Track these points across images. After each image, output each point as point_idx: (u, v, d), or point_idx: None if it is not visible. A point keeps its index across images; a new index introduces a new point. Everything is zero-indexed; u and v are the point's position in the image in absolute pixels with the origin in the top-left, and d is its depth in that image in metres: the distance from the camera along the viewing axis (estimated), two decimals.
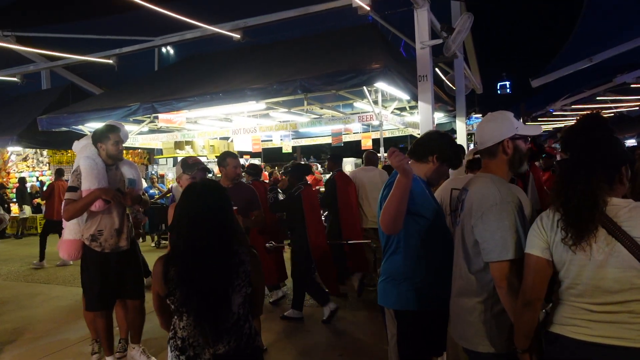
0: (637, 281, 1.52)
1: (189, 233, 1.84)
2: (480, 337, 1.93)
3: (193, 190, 1.96)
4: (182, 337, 1.85)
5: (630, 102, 16.87)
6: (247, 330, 1.91)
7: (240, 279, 1.86)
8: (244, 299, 1.89)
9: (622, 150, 1.68)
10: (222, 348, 1.84)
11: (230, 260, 1.85)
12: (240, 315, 1.89)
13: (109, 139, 3.52)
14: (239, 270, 1.87)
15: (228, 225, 1.88)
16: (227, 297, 1.83)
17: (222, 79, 7.41)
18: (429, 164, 2.37)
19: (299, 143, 14.59)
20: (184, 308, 1.81)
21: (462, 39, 6.00)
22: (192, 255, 1.81)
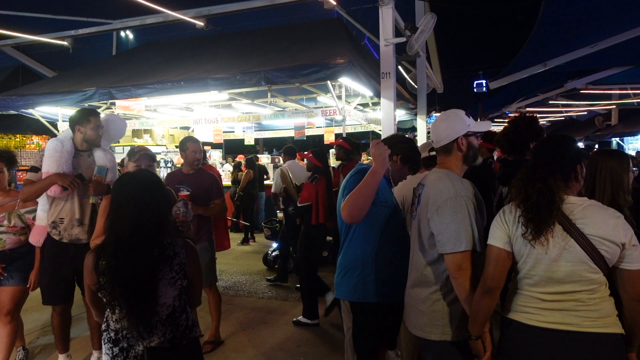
0: (586, 274, 1.65)
1: (114, 224, 1.81)
2: (433, 326, 2.01)
3: (120, 180, 1.93)
4: (115, 329, 1.84)
5: (580, 107, 17.74)
6: (183, 322, 1.91)
7: (175, 272, 1.85)
8: (179, 291, 1.88)
9: (577, 149, 1.80)
10: (157, 340, 1.83)
11: (155, 252, 1.81)
12: (176, 307, 1.88)
13: (89, 122, 3.30)
14: (173, 262, 1.85)
15: (153, 217, 1.82)
16: (156, 289, 1.81)
17: (184, 67, 7.22)
18: (392, 163, 2.45)
19: (262, 135, 14.48)
20: (116, 301, 1.79)
21: (425, 38, 6.12)
22: (117, 246, 1.78)
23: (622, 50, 8.71)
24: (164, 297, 1.83)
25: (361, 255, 2.38)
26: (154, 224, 1.82)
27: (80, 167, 3.33)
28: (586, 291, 1.67)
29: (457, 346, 1.97)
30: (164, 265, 1.82)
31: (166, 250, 1.84)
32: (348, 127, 10.25)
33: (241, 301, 5.31)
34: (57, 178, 3.15)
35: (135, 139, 11.66)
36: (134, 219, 1.79)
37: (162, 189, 1.94)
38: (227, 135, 13.19)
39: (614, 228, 1.63)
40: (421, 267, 2.06)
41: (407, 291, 2.18)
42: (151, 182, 1.91)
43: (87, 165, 3.37)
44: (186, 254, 1.89)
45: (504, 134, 2.95)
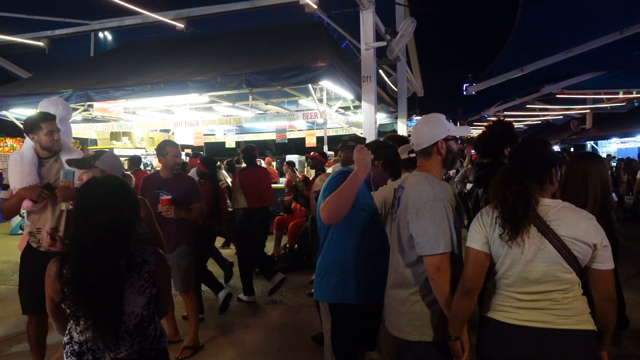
0: (560, 274, 1.70)
1: (78, 232, 1.75)
2: (412, 326, 2.04)
3: (84, 187, 1.86)
4: (79, 341, 1.77)
5: (556, 111, 18.17)
6: (152, 332, 1.86)
7: (144, 280, 1.79)
8: (148, 299, 1.82)
9: (552, 152, 1.85)
10: (125, 351, 1.77)
11: (122, 260, 1.76)
12: (144, 316, 1.82)
13: (40, 128, 3.12)
14: (142, 270, 1.79)
15: (119, 224, 1.77)
16: (123, 298, 1.75)
17: (164, 69, 7.15)
18: (373, 168, 2.46)
19: (243, 138, 14.40)
20: (80, 312, 1.71)
21: (405, 42, 6.20)
22: (82, 255, 1.71)
23: (595, 57, 8.96)
24: (132, 306, 1.77)
25: (340, 257, 2.39)
26: (120, 232, 1.76)
27: (49, 175, 3.19)
28: (560, 290, 1.72)
29: (436, 346, 2.00)
30: (132, 273, 1.77)
31: (134, 258, 1.78)
32: (329, 130, 10.29)
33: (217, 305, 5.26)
34: (24, 193, 3.04)
35: (113, 141, 11.48)
36: (99, 227, 1.72)
37: (128, 195, 1.87)
38: (208, 138, 13.09)
39: (586, 229, 1.69)
40: (400, 269, 2.09)
41: (387, 292, 2.20)
42: (117, 189, 1.84)
43: (56, 170, 3.23)
44: (155, 262, 1.83)
45: (480, 138, 3.02)
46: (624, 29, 8.06)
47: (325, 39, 7.44)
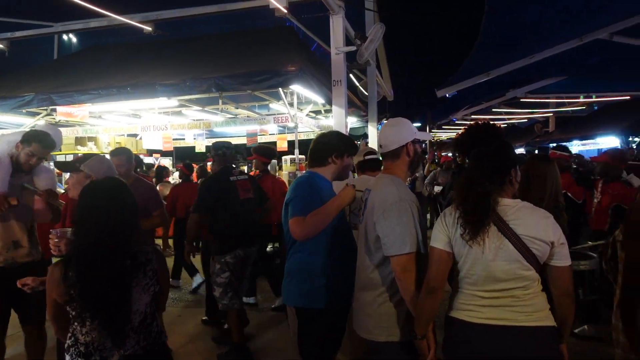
0: (520, 272, 1.76)
1: (82, 235, 1.80)
2: (380, 327, 2.07)
3: (87, 189, 1.90)
4: (86, 342, 1.79)
5: (521, 114, 18.73)
6: (155, 328, 1.92)
7: (149, 278, 1.86)
8: (152, 297, 1.89)
9: (512, 154, 1.92)
10: (131, 348, 1.82)
11: (127, 261, 1.81)
12: (148, 313, 1.88)
13: (29, 145, 3.08)
14: (147, 269, 1.86)
15: (122, 226, 1.82)
16: (130, 296, 1.80)
17: (131, 72, 7.00)
18: (331, 165, 2.49)
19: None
20: (87, 313, 1.76)
21: (374, 47, 6.26)
22: (88, 257, 1.76)
23: (557, 62, 9.28)
24: (137, 304, 1.84)
25: (307, 261, 2.40)
26: (124, 234, 1.82)
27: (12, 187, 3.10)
28: (520, 288, 1.78)
29: (404, 346, 2.03)
30: (138, 272, 1.84)
31: (139, 258, 1.86)
32: (300, 134, 10.29)
33: (192, 312, 5.18)
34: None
35: (78, 146, 11.14)
36: (103, 230, 1.78)
37: (129, 196, 1.93)
38: (177, 143, 12.90)
39: (544, 228, 1.76)
40: (368, 271, 2.12)
41: (355, 295, 2.23)
42: (118, 191, 1.90)
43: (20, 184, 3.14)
44: (157, 260, 1.91)
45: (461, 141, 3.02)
46: (584, 36, 8.39)
47: (296, 43, 7.44)
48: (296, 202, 2.34)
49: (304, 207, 2.29)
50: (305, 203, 2.30)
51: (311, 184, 2.40)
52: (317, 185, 2.41)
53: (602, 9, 7.38)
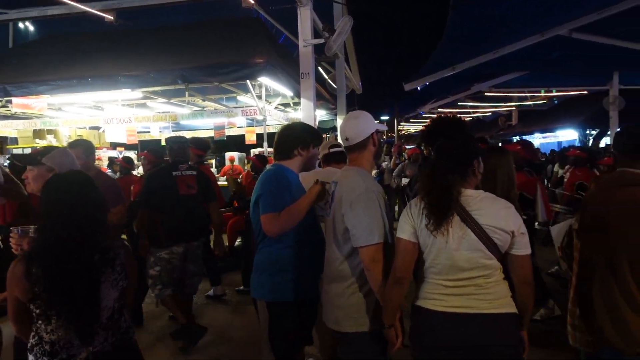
0: (482, 261, 1.81)
1: (47, 230, 1.75)
2: (349, 318, 2.09)
3: (52, 183, 1.85)
4: (51, 341, 1.74)
5: (485, 108, 19.18)
6: (123, 323, 1.90)
7: (117, 273, 1.83)
8: (120, 292, 1.86)
9: (474, 146, 1.96)
10: (100, 345, 1.79)
11: (96, 256, 1.78)
12: (116, 309, 1.85)
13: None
14: (115, 263, 1.83)
15: (90, 220, 1.79)
16: (98, 292, 1.77)
17: (92, 63, 6.75)
18: (298, 157, 2.49)
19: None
20: (53, 310, 1.70)
21: (342, 40, 6.25)
22: (55, 253, 1.71)
23: (519, 57, 9.53)
24: (106, 300, 1.80)
25: (276, 254, 2.40)
26: (91, 228, 1.78)
27: None
28: (483, 276, 1.84)
29: (372, 336, 2.07)
30: (107, 267, 1.80)
31: (108, 253, 1.83)
32: (269, 127, 10.22)
33: (162, 310, 5.08)
34: None
35: (37, 140, 10.71)
36: (69, 224, 1.73)
37: (95, 190, 1.88)
38: (142, 136, 12.57)
39: (505, 218, 1.82)
40: (337, 263, 2.14)
41: (324, 287, 2.24)
42: (84, 184, 1.86)
43: None
44: (125, 254, 1.90)
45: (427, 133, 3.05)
46: (545, 32, 8.64)
47: (263, 35, 7.35)
48: (267, 199, 2.33)
49: (276, 203, 2.29)
50: (277, 199, 2.30)
51: (279, 178, 2.40)
52: (285, 179, 2.40)
53: (563, 6, 7.61)
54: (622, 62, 10.69)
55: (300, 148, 2.49)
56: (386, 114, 24.10)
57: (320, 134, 2.72)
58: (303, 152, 2.49)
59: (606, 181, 2.23)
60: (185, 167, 4.20)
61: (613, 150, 2.25)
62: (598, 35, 8.71)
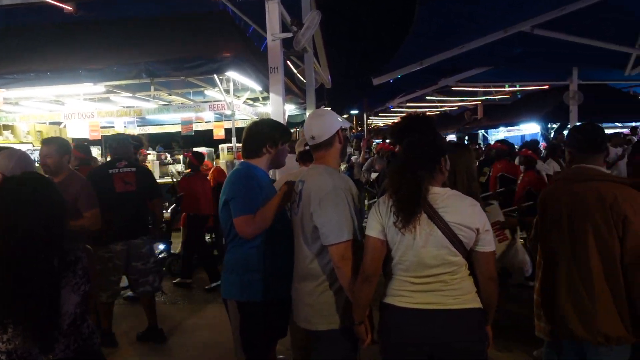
0: (449, 257, 1.85)
1: (4, 235, 1.66)
2: (320, 316, 2.10)
3: (4, 187, 1.76)
4: (7, 350, 1.66)
5: (452, 102, 19.55)
6: (85, 329, 1.84)
7: (79, 277, 1.77)
8: (82, 297, 1.79)
9: (441, 144, 1.99)
10: (61, 353, 1.73)
11: (55, 260, 1.71)
12: (78, 314, 1.79)
13: None
14: (77, 267, 1.77)
15: (48, 222, 1.71)
16: (58, 297, 1.70)
17: (51, 56, 6.48)
18: (266, 155, 2.47)
19: (146, 130, 13.63)
20: (9, 318, 1.63)
21: (311, 34, 6.22)
22: (11, 258, 1.63)
23: (484, 53, 9.73)
24: (67, 305, 1.74)
25: (246, 254, 2.39)
26: (50, 231, 1.71)
27: None
28: (449, 273, 1.88)
29: (344, 333, 2.08)
30: (67, 271, 1.74)
31: (68, 256, 1.76)
32: (238, 122, 10.10)
33: (126, 310, 4.97)
34: None
35: None
36: (28, 227, 1.65)
37: (54, 191, 1.80)
38: (106, 131, 12.17)
39: (471, 215, 1.86)
40: (307, 261, 2.13)
41: (294, 286, 2.24)
42: (40, 185, 1.78)
43: None
44: (87, 258, 1.83)
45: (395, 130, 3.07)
46: (508, 28, 8.85)
47: (231, 28, 7.23)
48: (239, 201, 2.30)
49: (249, 204, 2.27)
50: (249, 200, 2.28)
51: (249, 178, 2.36)
52: (255, 179, 2.37)
53: (532, 3, 7.81)
54: (581, 58, 11.07)
55: (269, 146, 2.46)
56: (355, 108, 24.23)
57: (289, 129, 2.70)
58: (272, 150, 2.47)
59: (564, 176, 2.31)
60: (124, 165, 4.14)
61: (568, 147, 2.33)
62: (558, 31, 8.99)
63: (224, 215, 2.39)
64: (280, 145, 2.50)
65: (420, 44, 9.75)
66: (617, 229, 2.02)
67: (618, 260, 2.03)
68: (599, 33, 9.09)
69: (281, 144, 2.51)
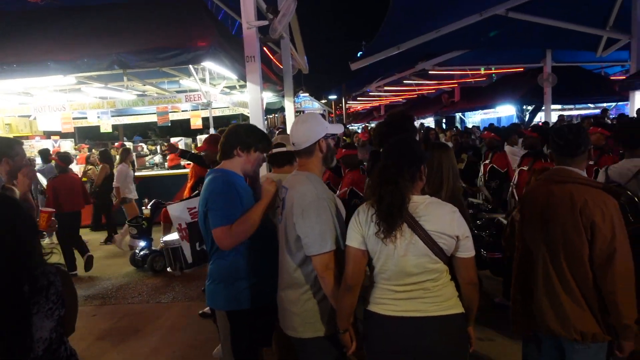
0: (430, 265, 1.86)
1: None
2: (305, 325, 2.09)
3: None
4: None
5: (430, 86, 19.65)
6: (62, 352, 1.76)
7: (52, 302, 1.68)
8: (57, 322, 1.70)
9: (421, 151, 1.98)
10: None
11: (25, 286, 1.62)
12: (54, 339, 1.70)
13: None
14: (49, 293, 1.67)
15: (18, 250, 1.61)
16: (30, 325, 1.62)
17: (17, 47, 6.21)
18: (237, 158, 2.40)
19: (121, 121, 13.37)
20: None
21: (287, 21, 6.12)
22: None
23: (460, 36, 9.78)
24: (40, 332, 1.64)
25: (230, 263, 2.35)
26: (19, 256, 1.60)
27: None
28: (430, 280, 1.89)
29: (329, 340, 2.10)
30: (39, 297, 1.63)
31: (39, 281, 1.64)
32: (215, 111, 9.97)
33: (109, 310, 4.91)
34: None
35: None
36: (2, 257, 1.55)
37: (20, 212, 1.67)
38: (79, 122, 11.86)
39: (450, 223, 1.86)
40: (291, 270, 2.12)
41: (279, 294, 2.22)
42: (5, 208, 1.65)
43: None
44: (61, 280, 1.71)
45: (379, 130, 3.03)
46: (483, 12, 8.90)
47: (205, 17, 7.04)
48: (217, 212, 2.22)
49: (228, 215, 2.20)
50: (227, 210, 2.21)
51: (227, 185, 2.28)
52: (233, 186, 2.29)
53: None
54: (554, 41, 11.22)
55: (240, 149, 2.37)
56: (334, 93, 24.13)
57: (269, 140, 2.56)
58: (242, 154, 2.38)
59: (544, 177, 2.33)
60: None
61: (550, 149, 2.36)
62: (532, 14, 9.07)
63: (204, 225, 2.33)
64: (253, 152, 2.40)
65: (398, 28, 9.73)
66: (586, 232, 2.05)
67: (587, 262, 2.07)
68: (571, 15, 9.21)
69: (254, 152, 2.41)
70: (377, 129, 3.00)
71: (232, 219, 2.21)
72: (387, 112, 3.21)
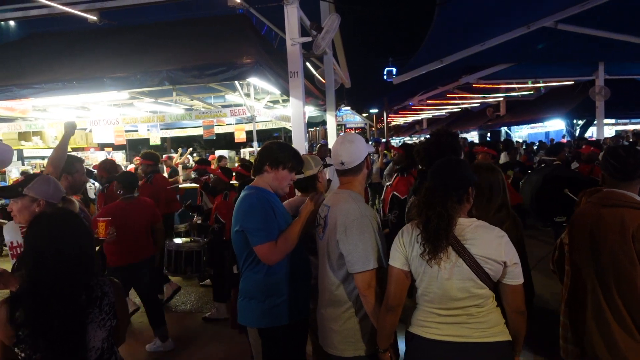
0: (475, 290, 1.82)
1: (32, 271, 1.67)
2: (346, 343, 2.09)
3: (39, 222, 1.76)
4: None
5: (473, 99, 19.28)
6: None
7: (105, 313, 1.76)
8: (109, 332, 1.79)
9: (469, 172, 1.94)
10: None
11: (82, 296, 1.71)
12: (105, 349, 1.79)
13: None
14: (102, 303, 1.76)
15: (80, 261, 1.72)
16: (85, 335, 1.71)
17: (77, 64, 6.64)
18: (266, 174, 2.41)
19: (168, 134, 13.87)
20: (38, 354, 1.64)
21: (330, 37, 6.21)
22: (39, 295, 1.65)
23: (506, 49, 9.58)
24: (93, 341, 1.74)
25: (263, 279, 2.34)
26: (80, 267, 1.71)
27: None
28: (475, 305, 1.83)
29: (370, 359, 2.07)
30: (93, 307, 1.73)
31: (94, 292, 1.75)
32: (259, 124, 10.17)
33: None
34: None
35: (22, 141, 10.57)
36: (57, 265, 1.66)
37: (81, 228, 1.80)
38: (130, 135, 12.43)
39: (497, 248, 1.80)
40: (332, 288, 2.13)
41: (319, 311, 2.23)
42: (70, 222, 1.78)
43: None
44: (114, 292, 1.81)
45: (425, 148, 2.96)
46: (531, 24, 8.69)
47: (250, 33, 7.29)
48: (258, 230, 2.24)
49: (270, 232, 2.23)
50: (267, 226, 2.24)
51: (262, 202, 2.30)
52: (267, 203, 2.31)
53: None
54: (607, 53, 10.79)
55: (269, 165, 2.39)
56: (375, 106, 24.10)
57: (301, 159, 2.55)
58: (270, 170, 2.39)
59: (595, 200, 2.23)
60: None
61: (602, 170, 2.26)
62: (583, 26, 8.78)
63: (237, 242, 2.36)
64: (281, 169, 2.40)
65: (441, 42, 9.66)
66: (639, 258, 1.95)
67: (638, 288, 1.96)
68: (625, 27, 8.84)
69: (282, 169, 2.40)
70: (424, 149, 2.96)
71: (274, 233, 2.24)
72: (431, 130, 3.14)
